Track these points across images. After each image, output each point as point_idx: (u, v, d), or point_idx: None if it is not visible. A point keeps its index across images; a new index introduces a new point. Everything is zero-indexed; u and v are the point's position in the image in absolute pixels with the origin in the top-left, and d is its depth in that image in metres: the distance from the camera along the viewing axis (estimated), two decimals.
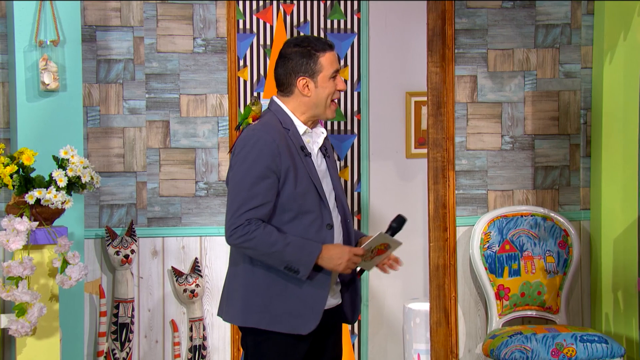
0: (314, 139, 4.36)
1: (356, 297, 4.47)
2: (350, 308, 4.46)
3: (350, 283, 4.43)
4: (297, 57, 4.27)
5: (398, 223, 4.43)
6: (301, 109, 4.31)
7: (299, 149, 4.25)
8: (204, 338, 6.29)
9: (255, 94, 6.38)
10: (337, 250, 4.20)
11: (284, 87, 4.33)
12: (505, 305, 6.42)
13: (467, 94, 6.58)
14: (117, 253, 6.10)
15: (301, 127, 4.31)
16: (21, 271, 4.90)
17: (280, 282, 4.21)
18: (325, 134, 4.39)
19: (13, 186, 5.04)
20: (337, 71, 4.29)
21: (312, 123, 4.36)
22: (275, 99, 4.36)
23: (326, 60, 4.27)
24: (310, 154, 4.30)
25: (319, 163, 4.34)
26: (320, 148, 4.37)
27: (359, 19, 6.52)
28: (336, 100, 4.34)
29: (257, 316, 4.23)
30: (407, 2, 6.52)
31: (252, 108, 5.35)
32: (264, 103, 4.49)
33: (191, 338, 6.28)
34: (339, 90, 4.30)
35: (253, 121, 4.31)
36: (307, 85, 4.28)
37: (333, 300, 4.37)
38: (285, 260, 4.14)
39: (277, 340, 4.24)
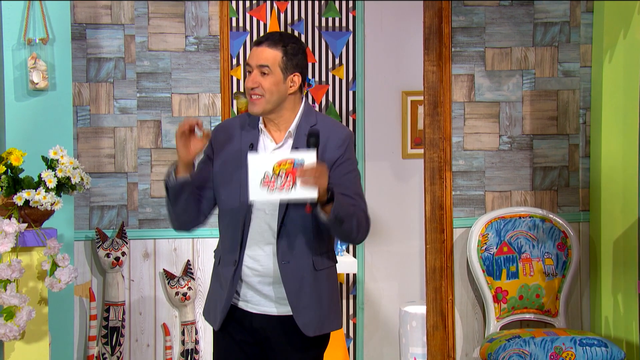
0: (285, 141, 4.20)
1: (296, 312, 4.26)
2: (302, 317, 4.23)
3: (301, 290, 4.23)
4: None
5: (310, 136, 4.09)
6: None
7: (247, 146, 4.21)
8: (196, 342, 6.27)
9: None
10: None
11: None
12: (503, 308, 6.41)
13: (464, 93, 6.56)
14: (108, 255, 6.08)
15: (260, 125, 4.26)
16: (9, 274, 4.85)
17: (213, 278, 4.33)
18: (291, 134, 4.19)
19: (1, 187, 5.00)
20: (249, 66, 4.19)
21: (270, 121, 4.22)
22: None
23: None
24: (258, 151, 4.20)
25: None
26: (293, 147, 4.19)
27: (354, 17, 6.50)
28: (251, 95, 4.15)
29: (208, 313, 4.37)
30: (403, 0, 6.49)
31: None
32: None
33: (183, 342, 6.25)
34: (248, 87, 4.18)
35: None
36: None
37: (264, 307, 4.22)
38: (167, 184, 4.28)
39: (218, 337, 4.33)
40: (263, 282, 4.20)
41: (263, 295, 4.22)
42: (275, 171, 3.97)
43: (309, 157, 3.95)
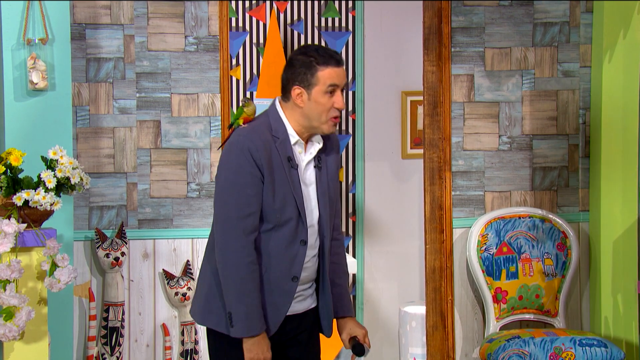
0: (309, 150, 4.27)
1: (327, 309, 4.39)
2: (324, 318, 4.41)
3: (325, 290, 4.38)
4: (298, 66, 4.19)
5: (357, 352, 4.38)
6: (295, 118, 4.23)
7: (285, 160, 4.18)
8: (196, 342, 6.26)
9: (247, 94, 6.33)
10: (258, 348, 4.15)
11: (284, 92, 4.27)
12: (503, 308, 6.40)
13: (464, 93, 6.56)
14: (107, 255, 6.07)
15: (293, 137, 4.23)
16: (9, 274, 4.85)
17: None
18: (320, 145, 4.29)
19: (0, 187, 4.99)
20: (335, 87, 4.17)
21: (309, 134, 4.27)
22: (276, 102, 4.29)
23: (325, 75, 4.16)
24: (298, 165, 4.21)
25: (308, 175, 4.27)
26: (314, 158, 4.28)
27: (353, 17, 6.50)
28: (337, 117, 4.21)
29: (215, 318, 4.26)
30: (403, 0, 6.48)
31: (244, 110, 5.28)
32: (258, 103, 4.42)
33: (183, 342, 6.24)
34: (337, 108, 4.19)
35: (244, 123, 4.25)
36: (301, 96, 4.19)
37: (298, 306, 4.31)
38: (229, 305, 4.15)
39: (234, 343, 4.22)
40: (305, 287, 4.33)
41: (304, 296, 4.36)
42: None
43: None
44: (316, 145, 4.27)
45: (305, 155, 4.25)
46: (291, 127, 4.22)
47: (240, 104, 4.26)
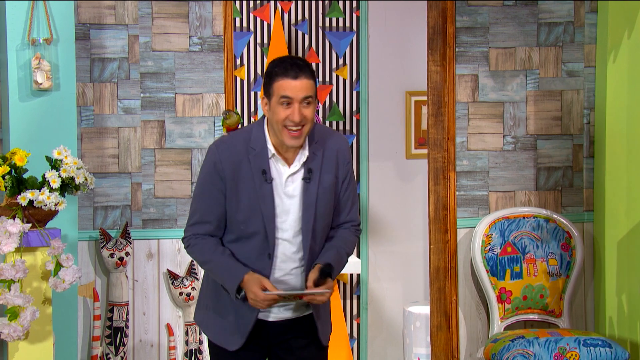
0: (295, 162, 4.18)
1: (317, 317, 4.34)
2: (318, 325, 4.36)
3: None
4: (265, 76, 4.17)
5: (322, 273, 4.16)
6: (271, 130, 4.17)
7: (258, 172, 4.14)
8: (200, 342, 6.26)
9: (252, 94, 6.34)
10: (253, 285, 4.11)
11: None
12: (507, 308, 6.39)
13: (468, 93, 6.55)
14: (112, 255, 6.07)
15: (270, 151, 4.17)
16: (13, 274, 4.85)
17: (221, 293, 4.25)
18: (305, 157, 4.18)
19: (5, 187, 4.99)
20: (287, 99, 4.06)
21: (287, 147, 4.17)
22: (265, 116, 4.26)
23: (278, 86, 4.07)
24: (272, 179, 4.15)
25: (292, 188, 4.18)
26: (305, 171, 4.20)
27: (358, 17, 6.49)
28: (294, 130, 4.07)
29: (200, 316, 4.37)
30: (407, 0, 6.48)
31: (226, 121, 5.33)
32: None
33: (187, 342, 6.24)
34: (290, 121, 4.07)
35: (228, 131, 4.29)
36: (266, 105, 4.15)
37: (284, 313, 4.27)
38: (217, 279, 4.22)
39: (214, 347, 4.31)
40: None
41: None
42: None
43: (320, 296, 4.15)
44: (302, 158, 4.18)
45: (290, 168, 4.18)
46: (270, 141, 4.16)
47: (222, 117, 4.26)
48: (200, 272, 6.25)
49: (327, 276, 4.13)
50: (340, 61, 6.50)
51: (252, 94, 6.35)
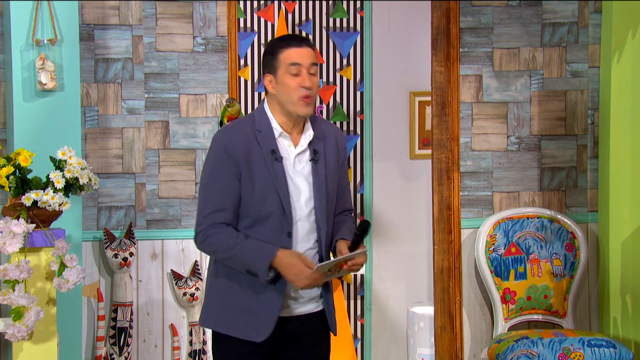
0: (301, 141, 4.24)
1: (329, 306, 4.36)
2: (329, 315, 4.38)
3: (328, 286, 4.34)
4: (265, 55, 4.23)
5: (361, 231, 4.17)
6: (275, 108, 4.22)
7: (268, 153, 4.16)
8: (204, 342, 6.25)
9: (255, 94, 6.34)
10: (294, 260, 4.08)
11: (264, 86, 4.29)
12: (511, 309, 6.39)
13: (472, 93, 6.55)
14: (116, 256, 6.07)
15: (277, 130, 4.22)
16: (18, 274, 4.85)
17: (239, 287, 4.20)
18: (311, 136, 4.25)
19: (9, 188, 5.00)
20: (296, 65, 4.14)
21: (293, 124, 4.24)
22: (265, 98, 4.30)
23: (285, 55, 4.15)
24: (282, 157, 4.19)
25: (300, 167, 4.23)
26: (310, 152, 4.26)
27: (361, 18, 6.49)
28: (307, 96, 4.14)
29: (214, 319, 4.27)
30: (411, 1, 6.48)
31: (228, 110, 5.33)
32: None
33: (191, 342, 6.24)
34: (304, 87, 4.14)
35: (228, 121, 4.30)
36: (271, 82, 4.20)
37: (302, 308, 4.28)
38: (243, 264, 4.13)
39: (235, 345, 4.23)
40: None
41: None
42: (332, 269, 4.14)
43: (360, 258, 4.15)
44: (307, 137, 4.24)
45: (296, 148, 4.23)
46: (275, 120, 4.21)
47: (225, 104, 4.26)
48: (204, 273, 6.25)
49: (360, 239, 4.15)
50: (344, 61, 6.50)
51: (256, 94, 6.35)
